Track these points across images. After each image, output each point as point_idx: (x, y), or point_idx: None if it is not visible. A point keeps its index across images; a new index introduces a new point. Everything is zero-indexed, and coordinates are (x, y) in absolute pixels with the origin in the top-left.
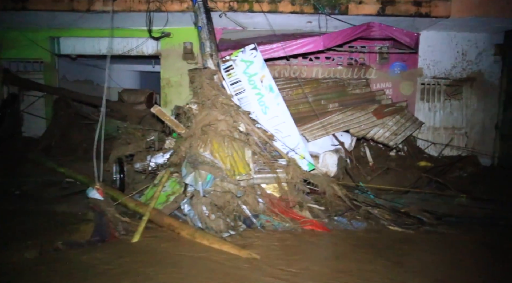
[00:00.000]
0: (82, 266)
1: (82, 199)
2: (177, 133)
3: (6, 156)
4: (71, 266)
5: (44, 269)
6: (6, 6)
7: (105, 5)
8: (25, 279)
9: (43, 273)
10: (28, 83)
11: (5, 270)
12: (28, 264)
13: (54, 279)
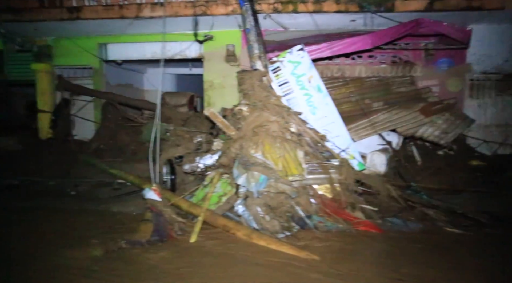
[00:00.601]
0: (149, 265)
1: (134, 199)
2: (226, 135)
3: (61, 158)
4: (139, 265)
5: (113, 266)
6: (63, 16)
7: (153, 11)
8: (98, 277)
9: (113, 270)
10: (79, 89)
11: (75, 267)
12: (96, 261)
13: (126, 276)
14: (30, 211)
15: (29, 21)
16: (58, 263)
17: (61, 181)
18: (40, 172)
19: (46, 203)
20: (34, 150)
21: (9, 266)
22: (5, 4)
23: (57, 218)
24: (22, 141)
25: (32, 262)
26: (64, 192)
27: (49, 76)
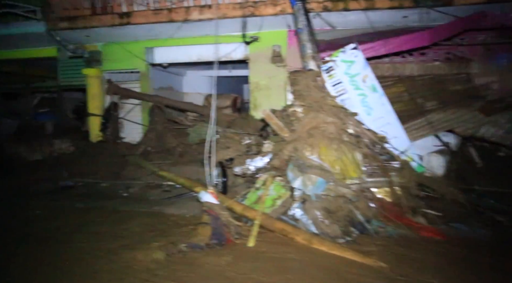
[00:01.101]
0: (214, 271)
1: (185, 201)
2: (279, 137)
3: (111, 160)
4: (203, 270)
5: (177, 271)
6: (114, 22)
7: (201, 13)
8: (165, 279)
9: (178, 275)
10: (128, 92)
11: (139, 269)
12: (159, 264)
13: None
14: (87, 211)
15: (83, 28)
16: (121, 265)
17: (113, 183)
18: (93, 173)
19: (101, 204)
20: (86, 152)
21: (75, 267)
22: (62, 13)
23: (114, 219)
24: (74, 143)
25: (96, 263)
26: (116, 194)
27: (98, 81)
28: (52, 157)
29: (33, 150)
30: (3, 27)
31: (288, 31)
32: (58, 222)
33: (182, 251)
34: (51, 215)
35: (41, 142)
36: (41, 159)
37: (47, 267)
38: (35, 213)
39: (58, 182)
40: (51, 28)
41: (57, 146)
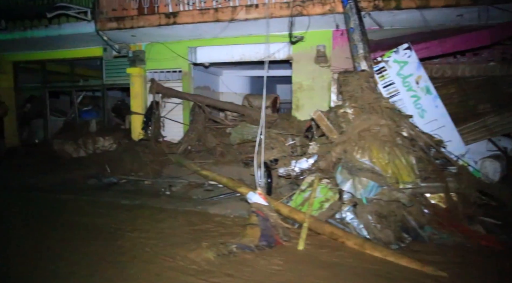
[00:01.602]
0: (266, 272)
1: (228, 201)
2: (326, 139)
3: (153, 158)
4: (258, 272)
5: (231, 271)
6: (161, 22)
7: (248, 13)
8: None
9: (232, 276)
10: (170, 91)
11: (192, 268)
12: (211, 264)
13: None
14: (133, 208)
15: (130, 28)
16: (175, 264)
17: (155, 181)
18: (135, 171)
19: (146, 202)
20: (128, 150)
21: (129, 264)
22: (111, 14)
23: (160, 217)
24: (116, 141)
25: (152, 261)
26: (159, 192)
27: (141, 80)
28: (96, 154)
29: (78, 147)
30: (56, 28)
31: (333, 31)
32: (107, 219)
33: (233, 252)
34: (100, 211)
35: (85, 139)
36: (85, 155)
37: (110, 265)
38: (84, 208)
39: (103, 179)
40: (100, 29)
41: (100, 143)
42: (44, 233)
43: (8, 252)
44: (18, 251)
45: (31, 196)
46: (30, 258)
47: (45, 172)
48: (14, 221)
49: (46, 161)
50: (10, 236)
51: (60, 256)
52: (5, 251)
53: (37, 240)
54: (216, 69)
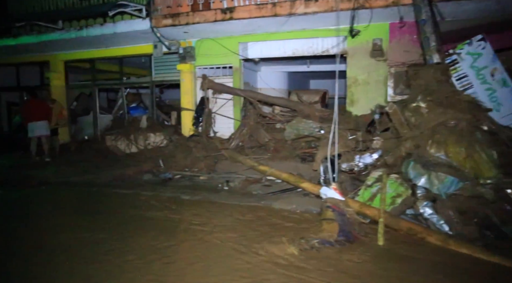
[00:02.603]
0: (354, 267)
1: (290, 196)
2: (391, 133)
3: (205, 154)
4: (343, 266)
5: (318, 264)
6: (216, 18)
7: (307, 7)
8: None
9: (321, 268)
10: (222, 87)
11: (281, 263)
12: (297, 259)
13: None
14: (197, 203)
15: (185, 24)
16: (262, 259)
17: (211, 176)
18: (188, 166)
19: (207, 197)
20: (179, 145)
21: (223, 261)
22: (165, 11)
23: (227, 213)
24: (167, 137)
25: (239, 257)
26: (216, 187)
27: (191, 76)
28: (147, 150)
29: (130, 143)
30: (111, 26)
31: (390, 24)
32: (175, 213)
33: (315, 247)
34: (165, 205)
35: (136, 135)
36: (137, 151)
37: (201, 260)
38: (149, 203)
39: (158, 174)
40: (155, 26)
41: (151, 139)
42: (116, 227)
43: (97, 249)
44: (104, 247)
45: (93, 191)
46: (116, 254)
47: (100, 167)
48: (87, 217)
49: (99, 157)
50: (93, 231)
51: (141, 252)
52: (93, 248)
53: (114, 233)
54: (255, 65)
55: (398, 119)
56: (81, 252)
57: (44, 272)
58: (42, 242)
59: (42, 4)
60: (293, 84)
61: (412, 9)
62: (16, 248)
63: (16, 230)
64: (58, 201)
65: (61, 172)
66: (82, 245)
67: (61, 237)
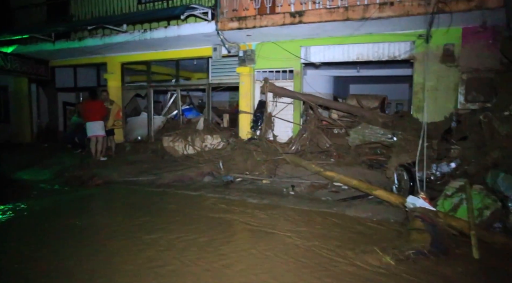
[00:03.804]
0: (461, 280)
1: (363, 204)
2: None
3: (267, 157)
4: (449, 280)
5: (414, 274)
6: (285, 21)
7: (381, 11)
8: None
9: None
10: (283, 91)
11: (382, 273)
12: (395, 268)
13: None
14: (266, 208)
15: (252, 27)
16: (360, 268)
17: (273, 180)
18: (248, 169)
19: (274, 201)
20: (237, 148)
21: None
22: (231, 14)
23: (301, 218)
24: (224, 140)
25: (331, 263)
26: (281, 191)
27: (251, 79)
28: (204, 152)
29: (187, 145)
30: (175, 29)
31: (463, 29)
32: (247, 217)
33: (411, 257)
34: (234, 208)
35: (193, 137)
36: (194, 153)
37: (301, 272)
38: (217, 205)
39: (218, 177)
40: (221, 29)
41: (208, 141)
42: (195, 230)
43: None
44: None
45: (159, 191)
46: (201, 257)
47: (160, 168)
48: (159, 217)
49: (157, 157)
50: (169, 231)
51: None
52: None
53: (191, 237)
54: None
55: (491, 128)
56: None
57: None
58: (126, 242)
59: (106, 8)
60: (336, 89)
61: (495, 13)
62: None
63: (93, 227)
64: (127, 200)
65: (123, 171)
66: (169, 245)
67: (141, 238)
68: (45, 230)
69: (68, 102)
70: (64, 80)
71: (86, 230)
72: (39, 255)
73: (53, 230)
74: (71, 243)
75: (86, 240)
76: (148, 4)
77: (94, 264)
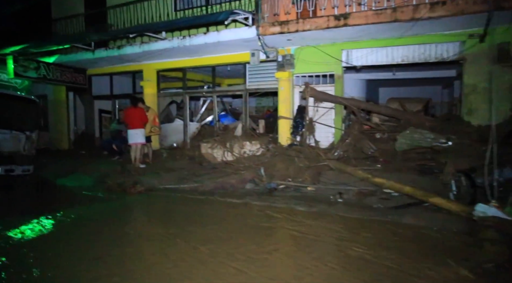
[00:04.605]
0: None
1: (418, 211)
2: None
3: (310, 164)
4: None
5: None
6: (329, 24)
7: (432, 11)
8: None
9: None
10: (325, 95)
11: None
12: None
13: None
14: (317, 216)
15: (295, 31)
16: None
17: (318, 187)
18: (291, 176)
19: (324, 209)
20: (279, 154)
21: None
22: (272, 19)
23: (358, 226)
24: (263, 146)
25: (412, 280)
26: (328, 198)
27: (290, 84)
28: (243, 158)
29: (226, 151)
30: (215, 35)
31: None
32: (299, 226)
33: (492, 272)
34: (285, 217)
35: (232, 143)
36: (232, 160)
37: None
38: (265, 212)
39: (260, 184)
40: (262, 34)
41: (247, 147)
42: (252, 240)
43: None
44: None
45: (202, 199)
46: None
47: (199, 175)
48: (207, 226)
49: (195, 164)
50: (223, 240)
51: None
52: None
53: (250, 247)
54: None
55: None
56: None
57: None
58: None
59: (144, 16)
60: (368, 92)
61: None
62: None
63: (147, 236)
64: (172, 208)
65: (163, 178)
66: (229, 257)
67: (199, 248)
68: (102, 239)
69: (104, 110)
70: (100, 88)
71: (141, 239)
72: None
73: (110, 238)
74: (129, 251)
75: (146, 250)
76: (184, 11)
77: (163, 275)
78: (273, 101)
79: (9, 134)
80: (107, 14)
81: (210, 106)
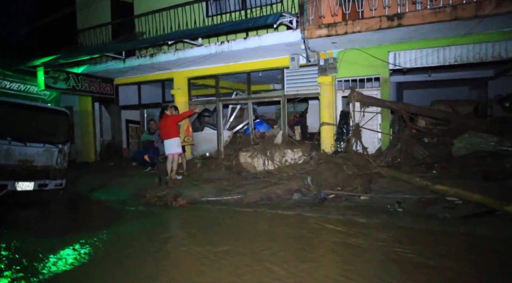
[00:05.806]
0: None
1: (491, 222)
2: None
3: (360, 172)
4: None
5: None
6: (381, 25)
7: (499, 7)
8: None
9: None
10: (372, 100)
11: None
12: None
13: None
14: (383, 228)
15: (343, 34)
16: None
17: (371, 196)
18: (339, 184)
19: (386, 220)
20: (324, 162)
21: None
22: (317, 21)
23: (430, 239)
24: (305, 154)
25: None
26: (385, 208)
27: (332, 89)
28: (285, 167)
29: (266, 159)
30: (256, 39)
31: None
32: (362, 238)
33: None
34: (346, 230)
35: (272, 151)
36: (273, 169)
37: None
38: (323, 225)
39: (308, 193)
40: (308, 37)
41: (289, 155)
42: (331, 259)
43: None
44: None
45: (249, 212)
46: None
47: (240, 185)
48: (268, 243)
49: (233, 174)
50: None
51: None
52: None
53: (328, 265)
54: None
55: None
56: None
57: None
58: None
59: (171, 24)
60: (399, 95)
61: None
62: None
63: (205, 254)
64: (221, 222)
65: (204, 190)
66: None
67: (270, 269)
68: (159, 257)
69: (130, 120)
70: (128, 97)
71: (199, 257)
72: None
73: (166, 257)
74: (191, 272)
75: (208, 269)
76: (216, 16)
77: None
78: (293, 107)
79: (42, 148)
80: (133, 22)
81: (239, 114)
